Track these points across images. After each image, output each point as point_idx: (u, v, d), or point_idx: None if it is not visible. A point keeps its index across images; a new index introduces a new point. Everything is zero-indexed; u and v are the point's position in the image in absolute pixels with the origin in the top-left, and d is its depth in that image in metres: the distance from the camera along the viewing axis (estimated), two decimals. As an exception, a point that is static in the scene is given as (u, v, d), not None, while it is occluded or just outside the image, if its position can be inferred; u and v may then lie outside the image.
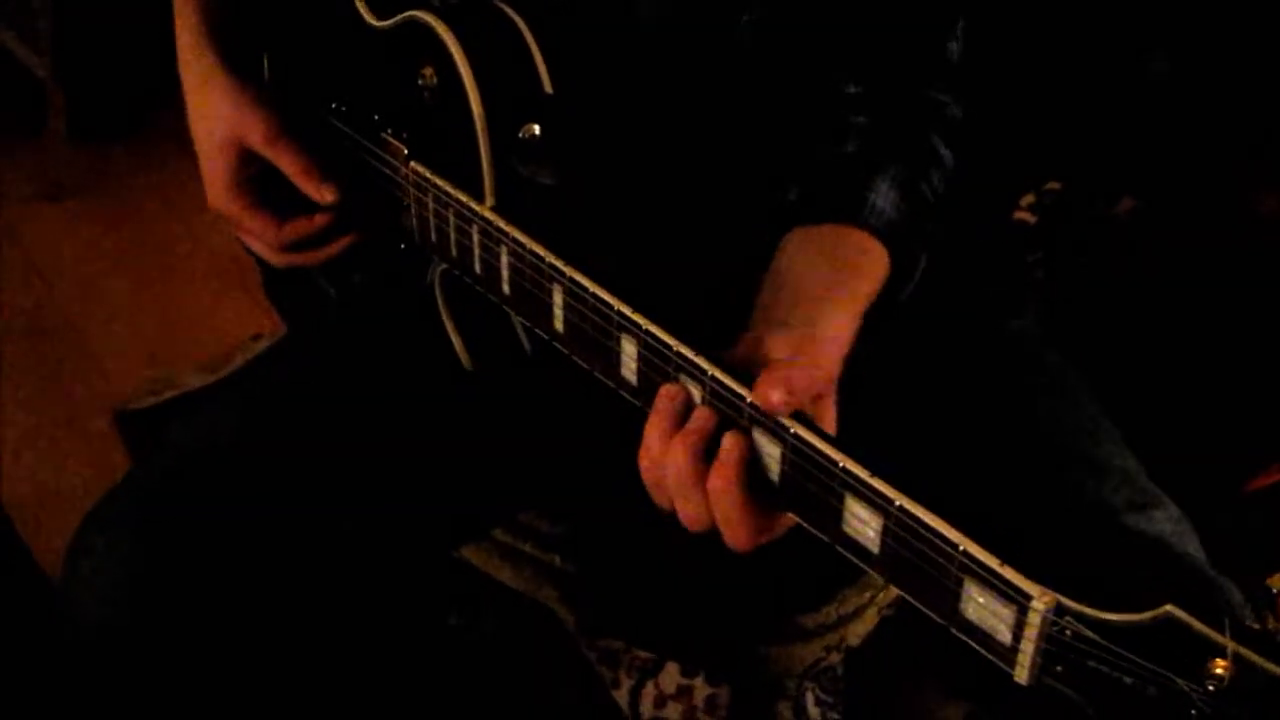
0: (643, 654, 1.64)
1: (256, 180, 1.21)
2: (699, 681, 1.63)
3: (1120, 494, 1.11)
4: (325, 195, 1.18)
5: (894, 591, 1.47)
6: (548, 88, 1.09)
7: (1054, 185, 2.04)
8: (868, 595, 1.43)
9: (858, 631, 1.45)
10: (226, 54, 1.22)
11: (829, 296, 1.01)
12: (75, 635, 1.13)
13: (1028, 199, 2.02)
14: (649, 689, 1.62)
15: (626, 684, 1.62)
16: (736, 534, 0.92)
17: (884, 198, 1.08)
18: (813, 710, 1.60)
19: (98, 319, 2.53)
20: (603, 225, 1.11)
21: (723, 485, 0.90)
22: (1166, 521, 1.10)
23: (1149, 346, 1.84)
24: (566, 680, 1.60)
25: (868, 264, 1.06)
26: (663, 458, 0.92)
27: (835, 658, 1.47)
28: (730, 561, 1.36)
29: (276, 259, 1.24)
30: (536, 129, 1.07)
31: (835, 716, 1.60)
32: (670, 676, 1.63)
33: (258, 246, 1.24)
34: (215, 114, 1.20)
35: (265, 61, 1.29)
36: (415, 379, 1.23)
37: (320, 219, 1.20)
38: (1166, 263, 1.96)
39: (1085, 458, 1.13)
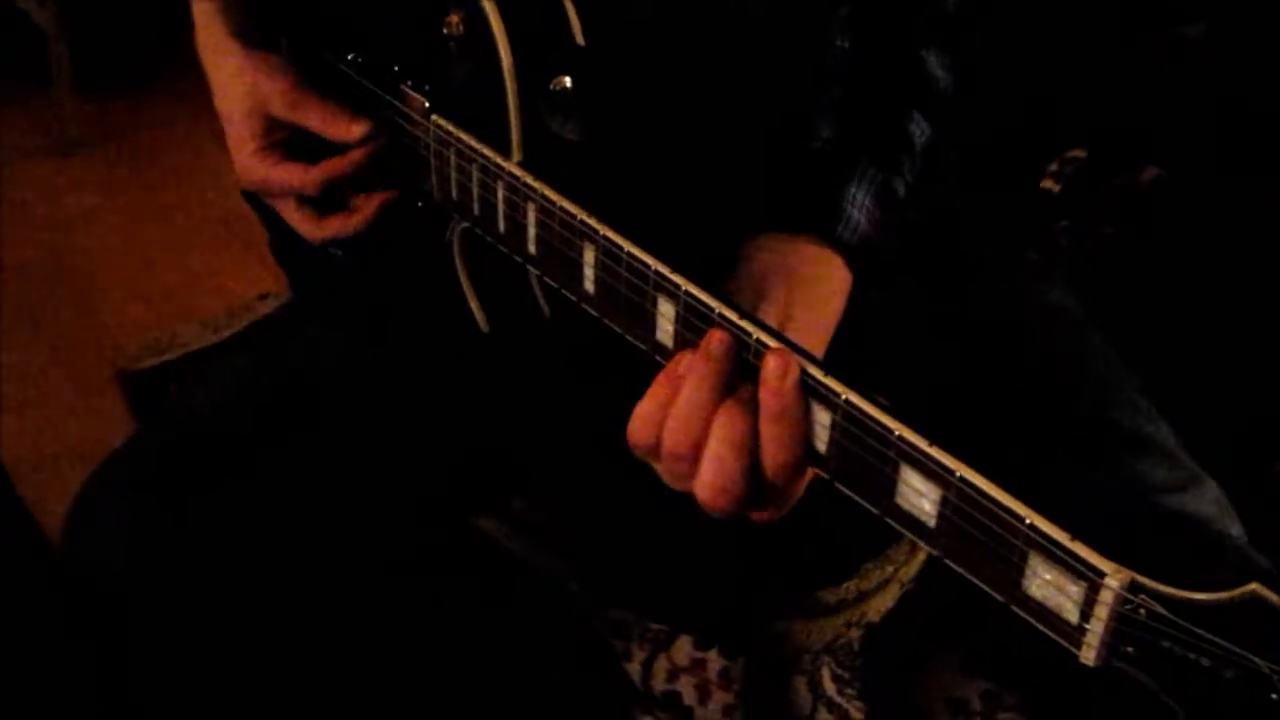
0: (654, 626, 1.62)
1: (284, 146, 1.19)
2: (712, 655, 1.60)
3: (1160, 472, 1.09)
4: (355, 131, 1.15)
5: (915, 566, 1.45)
6: (579, 39, 1.04)
7: (1078, 153, 2.01)
8: (889, 570, 1.40)
9: (878, 607, 1.42)
10: (238, 26, 1.20)
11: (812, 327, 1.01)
12: (76, 597, 1.12)
13: (1051, 166, 1.99)
14: (661, 662, 1.60)
15: (638, 656, 1.59)
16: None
17: (859, 208, 1.06)
18: (829, 686, 1.57)
19: (101, 277, 2.51)
20: (632, 184, 1.07)
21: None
22: (1207, 501, 1.09)
23: (1178, 320, 1.81)
24: (577, 652, 1.57)
25: (838, 293, 1.05)
26: (705, 414, 0.87)
27: (855, 634, 1.44)
28: (751, 535, 1.33)
29: (314, 229, 1.20)
30: (568, 81, 1.03)
31: (851, 692, 1.57)
32: (682, 649, 1.61)
33: (294, 216, 1.21)
34: (233, 89, 1.18)
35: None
36: (428, 342, 1.20)
37: (354, 155, 1.16)
38: (1193, 233, 1.93)
39: (1126, 435, 1.11)
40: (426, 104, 1.10)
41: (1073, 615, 0.72)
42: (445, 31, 1.07)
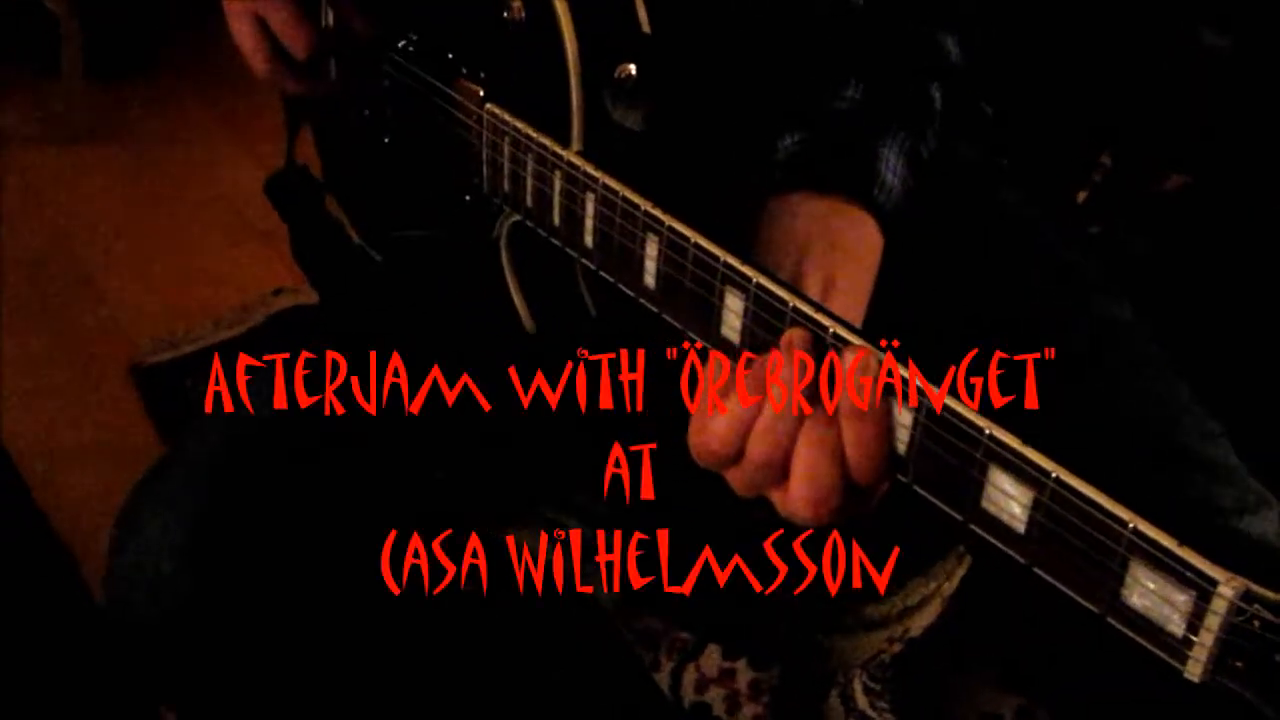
0: (683, 635, 1.60)
1: None
2: (741, 665, 1.58)
3: (1229, 494, 1.06)
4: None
5: (957, 581, 1.43)
6: (645, 26, 1.02)
7: (1104, 160, 1.99)
8: (933, 585, 1.38)
9: (920, 623, 1.39)
10: None
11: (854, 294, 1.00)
12: (121, 620, 1.10)
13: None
14: (690, 672, 1.57)
15: (666, 666, 1.57)
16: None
17: (892, 170, 1.04)
18: (861, 699, 1.55)
19: (110, 267, 2.46)
20: (694, 175, 1.04)
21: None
22: (1271, 522, 1.06)
23: (1210, 328, 1.79)
24: (605, 661, 1.54)
25: (875, 258, 1.03)
26: (794, 419, 0.84)
27: (895, 648, 1.41)
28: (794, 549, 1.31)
29: (262, 67, 1.17)
30: (633, 69, 1.01)
31: (884, 706, 1.55)
32: (711, 659, 1.59)
33: (253, 47, 1.17)
34: None
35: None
36: (470, 342, 1.18)
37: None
38: (1221, 241, 1.92)
39: (1193, 455, 1.09)
40: (481, 93, 1.08)
41: (1178, 627, 0.68)
42: (505, 16, 1.04)
